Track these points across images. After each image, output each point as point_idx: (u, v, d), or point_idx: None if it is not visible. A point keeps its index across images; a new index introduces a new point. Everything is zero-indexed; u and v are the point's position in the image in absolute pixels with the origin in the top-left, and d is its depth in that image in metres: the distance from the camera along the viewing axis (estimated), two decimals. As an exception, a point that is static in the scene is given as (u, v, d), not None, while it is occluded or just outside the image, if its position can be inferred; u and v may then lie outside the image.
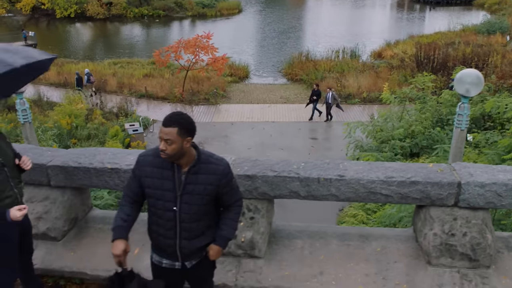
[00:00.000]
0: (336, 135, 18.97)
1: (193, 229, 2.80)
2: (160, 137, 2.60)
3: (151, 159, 2.76)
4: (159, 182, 2.72)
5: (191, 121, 2.66)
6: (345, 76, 26.01)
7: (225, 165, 2.78)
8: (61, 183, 3.95)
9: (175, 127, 2.56)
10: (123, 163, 3.81)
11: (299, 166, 3.66)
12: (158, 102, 23.69)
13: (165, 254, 2.91)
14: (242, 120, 20.93)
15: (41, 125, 16.00)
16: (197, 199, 2.72)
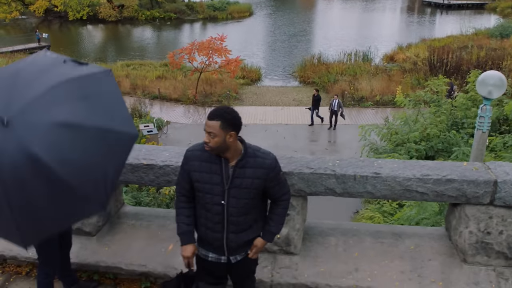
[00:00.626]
0: (349, 137, 18.94)
1: (240, 222, 2.82)
2: (204, 129, 2.65)
3: (199, 154, 2.79)
4: (208, 176, 2.75)
5: (235, 115, 2.69)
6: (357, 79, 25.99)
7: (272, 159, 2.80)
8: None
9: (218, 121, 2.60)
10: (158, 159, 3.84)
11: (334, 163, 3.67)
12: (171, 103, 23.81)
13: (211, 248, 2.94)
14: (255, 122, 20.97)
15: (57, 125, 16.18)
16: (244, 193, 2.75)
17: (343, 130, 20.11)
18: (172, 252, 3.88)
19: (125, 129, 2.69)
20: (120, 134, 2.65)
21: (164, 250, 3.91)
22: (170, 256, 3.85)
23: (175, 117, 21.89)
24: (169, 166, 3.78)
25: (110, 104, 2.70)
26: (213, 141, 2.62)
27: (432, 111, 16.55)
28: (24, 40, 39.64)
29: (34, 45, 38.74)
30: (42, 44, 38.77)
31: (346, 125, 20.57)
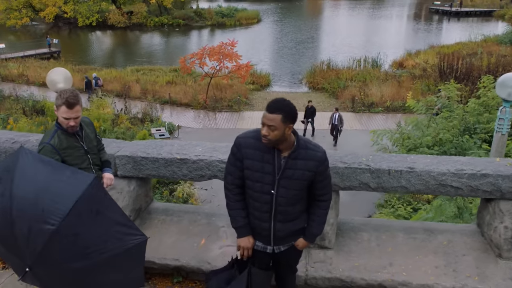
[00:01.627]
0: (361, 143, 18.90)
1: (288, 212, 2.84)
2: (263, 122, 2.64)
3: (252, 142, 2.78)
4: (260, 165, 2.76)
5: (294, 108, 2.70)
6: (367, 85, 25.98)
7: (323, 152, 2.83)
8: (128, 173, 4.02)
9: (279, 114, 2.60)
10: (191, 153, 3.87)
11: (368, 158, 3.69)
12: (181, 108, 23.89)
13: (258, 237, 2.96)
14: (265, 127, 20.98)
15: (70, 128, 16.27)
16: (295, 184, 2.76)
17: (353, 135, 20.08)
18: (204, 246, 3.90)
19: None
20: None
21: (196, 245, 3.93)
22: (202, 250, 3.87)
23: (185, 121, 21.96)
24: (202, 161, 3.80)
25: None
26: (273, 134, 2.62)
27: (444, 116, 16.53)
28: (35, 46, 40.01)
29: (45, 50, 39.09)
30: (52, 49, 39.12)
31: (357, 130, 20.54)
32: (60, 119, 3.14)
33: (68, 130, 3.18)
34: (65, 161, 3.12)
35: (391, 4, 79.80)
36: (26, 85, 27.18)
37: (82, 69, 31.85)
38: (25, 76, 28.54)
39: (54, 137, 3.14)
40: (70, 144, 3.19)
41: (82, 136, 3.29)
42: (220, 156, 3.80)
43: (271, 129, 2.61)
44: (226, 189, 2.95)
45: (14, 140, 4.23)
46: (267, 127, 2.62)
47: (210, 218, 4.19)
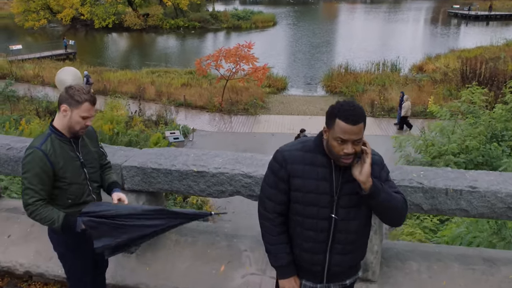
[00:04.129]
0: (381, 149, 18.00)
1: (349, 240, 2.27)
2: (346, 139, 2.07)
3: (300, 155, 2.22)
4: (314, 184, 2.19)
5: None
6: (386, 89, 25.26)
7: (379, 155, 2.30)
8: (137, 186, 3.50)
9: (362, 122, 2.09)
10: (210, 165, 3.33)
11: (419, 174, 3.11)
12: (196, 111, 23.44)
13: (306, 274, 2.38)
14: (283, 131, 20.42)
15: (83, 130, 15.91)
16: (356, 201, 2.21)
17: (373, 141, 19.39)
18: (224, 274, 3.35)
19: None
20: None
21: (215, 271, 3.38)
22: (222, 279, 3.32)
23: (200, 124, 21.49)
24: (223, 174, 3.26)
25: None
26: (357, 148, 2.10)
27: (470, 121, 15.81)
28: (51, 47, 40.00)
29: (61, 51, 39.05)
30: (68, 50, 39.08)
31: (377, 136, 19.85)
32: (74, 120, 2.63)
33: (79, 133, 2.69)
34: (56, 173, 2.60)
35: (408, 8, 78.68)
36: (41, 86, 26.98)
37: (97, 70, 31.64)
38: (40, 77, 28.37)
39: (46, 142, 2.63)
40: (65, 153, 2.66)
41: (78, 145, 2.75)
42: (244, 169, 3.25)
43: (356, 144, 2.08)
44: (265, 219, 2.35)
45: (10, 146, 3.74)
46: (352, 143, 2.07)
47: (231, 240, 3.64)
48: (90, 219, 2.58)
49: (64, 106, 2.62)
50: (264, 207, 2.33)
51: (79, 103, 2.60)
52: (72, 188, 2.69)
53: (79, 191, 2.72)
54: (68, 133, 2.67)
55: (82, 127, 2.65)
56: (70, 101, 2.60)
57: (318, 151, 2.21)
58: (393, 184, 2.29)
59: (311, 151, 2.20)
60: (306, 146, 2.23)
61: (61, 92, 2.68)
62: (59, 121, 2.68)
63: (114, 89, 25.75)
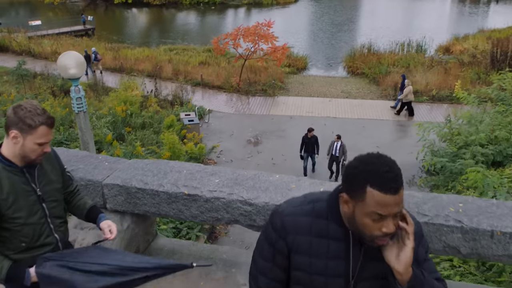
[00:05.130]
0: (404, 135, 17.51)
1: None
2: (387, 214, 1.45)
3: (308, 222, 1.60)
4: (322, 263, 1.58)
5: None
6: (411, 71, 24.23)
7: (418, 224, 1.66)
8: (120, 207, 2.99)
9: (402, 186, 1.48)
10: (204, 187, 2.79)
11: (457, 207, 2.52)
12: (213, 91, 22.89)
13: None
14: (301, 114, 19.77)
15: (96, 111, 15.52)
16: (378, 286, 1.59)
17: (396, 126, 18.64)
18: (218, 315, 2.85)
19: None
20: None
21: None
22: (215, 321, 2.83)
23: (217, 105, 20.95)
24: (218, 199, 2.73)
25: None
26: (397, 222, 1.49)
27: (500, 109, 14.93)
28: (70, 23, 39.64)
29: (80, 27, 38.69)
30: (87, 26, 38.68)
31: (400, 121, 19.07)
32: (28, 148, 2.09)
33: (35, 162, 2.16)
34: (3, 213, 2.08)
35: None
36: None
37: (114, 47, 31.21)
38: (58, 53, 27.98)
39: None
40: (16, 186, 2.12)
41: (34, 175, 2.22)
42: (244, 193, 2.71)
43: (396, 217, 1.48)
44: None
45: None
46: (393, 217, 1.47)
47: (229, 270, 3.13)
48: (50, 274, 2.06)
49: (14, 132, 2.07)
50: (257, 285, 1.73)
51: (32, 127, 2.06)
52: (26, 229, 2.16)
53: (35, 232, 2.19)
54: (20, 161, 2.14)
55: (38, 155, 2.13)
56: (21, 126, 2.06)
57: (332, 218, 1.59)
58: (432, 266, 1.65)
59: (322, 216, 1.59)
60: (316, 209, 1.61)
61: (8, 112, 2.12)
62: (8, 148, 2.13)
63: (131, 67, 25.36)
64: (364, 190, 1.45)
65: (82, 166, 3.13)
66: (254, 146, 16.94)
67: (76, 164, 3.14)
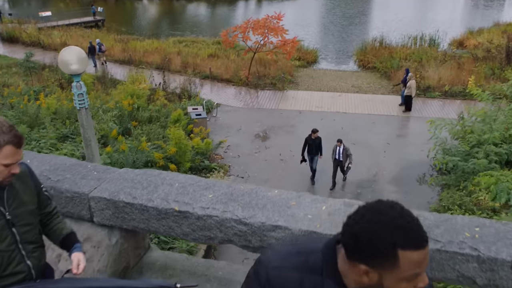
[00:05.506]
0: (415, 131, 17.16)
1: None
2: (419, 272, 1.24)
3: (297, 278, 1.35)
4: None
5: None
6: (423, 66, 23.77)
7: (430, 281, 1.39)
8: (108, 221, 2.80)
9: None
10: (196, 204, 2.58)
11: (473, 232, 2.28)
12: (222, 84, 22.66)
13: None
14: (310, 109, 19.49)
15: (102, 105, 15.39)
16: None
17: (407, 122, 18.29)
18: None
19: None
20: None
21: None
22: None
23: (225, 99, 20.73)
24: (211, 218, 2.52)
25: None
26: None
27: (515, 107, 14.54)
28: (80, 14, 39.56)
29: (90, 18, 38.60)
30: (97, 18, 38.57)
31: (411, 117, 18.71)
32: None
33: (3, 183, 1.94)
34: None
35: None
36: (67, 54, 26.64)
37: (123, 39, 31.05)
38: (67, 45, 27.91)
39: None
40: None
41: (3, 198, 1.98)
42: (239, 212, 2.49)
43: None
44: None
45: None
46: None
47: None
48: None
49: None
50: None
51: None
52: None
53: (3, 260, 1.98)
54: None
55: (5, 177, 1.92)
56: None
57: (328, 274, 1.34)
58: None
59: (315, 271, 1.34)
60: (308, 264, 1.35)
61: None
62: None
63: (140, 59, 25.21)
64: (395, 255, 1.20)
65: (69, 176, 2.93)
66: (262, 141, 16.72)
67: (63, 174, 2.95)
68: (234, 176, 14.41)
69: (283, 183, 14.26)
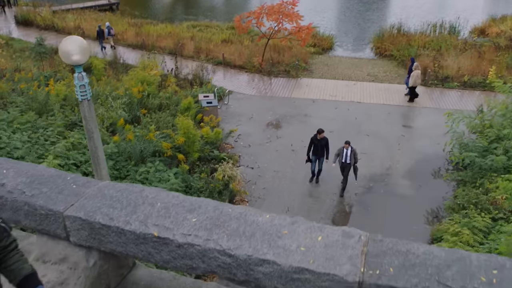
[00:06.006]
0: (431, 123, 16.66)
1: None
2: None
3: None
4: None
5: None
6: (442, 54, 23.07)
7: None
8: (85, 242, 2.56)
9: None
10: (178, 229, 2.33)
11: (490, 276, 1.99)
12: (235, 71, 22.31)
13: None
14: (324, 98, 19.07)
15: (112, 91, 15.20)
16: None
17: (422, 114, 17.77)
18: None
19: None
20: None
21: None
22: None
23: (238, 86, 20.40)
24: (193, 246, 2.26)
25: None
26: None
27: (538, 101, 13.97)
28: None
29: (104, 2, 38.28)
30: (111, 1, 38.25)
31: (427, 108, 18.17)
32: None
33: None
34: None
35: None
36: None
37: (137, 23, 30.75)
38: (81, 29, 27.81)
39: None
40: None
41: None
42: (223, 241, 2.23)
43: None
44: None
45: None
46: None
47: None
48: None
49: None
50: None
51: None
52: None
53: None
54: None
55: None
56: None
57: None
58: None
59: None
60: None
61: None
62: None
63: (153, 43, 24.92)
64: None
65: (46, 189, 2.70)
66: (274, 131, 16.41)
67: (39, 188, 2.72)
68: (243, 166, 14.17)
69: (294, 175, 13.99)
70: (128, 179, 10.87)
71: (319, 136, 12.60)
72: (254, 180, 13.53)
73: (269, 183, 13.47)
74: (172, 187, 10.64)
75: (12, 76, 16.25)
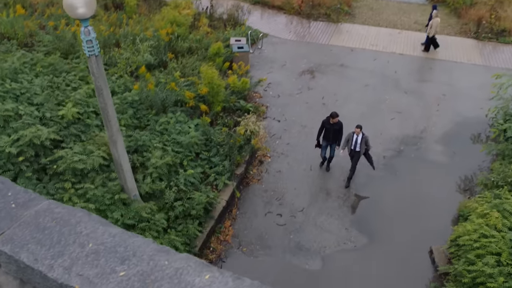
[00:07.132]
0: (477, 83, 15.51)
1: None
2: None
3: None
4: None
5: None
6: (502, 3, 21.04)
7: None
8: (16, 274, 2.29)
9: None
10: (101, 284, 2.00)
11: None
12: (273, 11, 21.26)
13: None
14: (364, 47, 18.00)
15: (140, 32, 14.73)
16: None
17: (468, 71, 16.50)
18: None
19: None
20: None
21: None
22: None
23: (274, 28, 19.47)
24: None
25: None
26: None
27: None
28: None
29: None
30: None
31: (475, 65, 16.85)
32: None
33: None
34: None
35: None
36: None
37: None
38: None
39: None
40: None
41: None
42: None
43: None
44: None
45: None
46: None
47: None
48: None
49: None
50: None
51: None
52: None
53: None
54: None
55: None
56: None
57: None
58: None
59: None
60: None
61: None
62: None
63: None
64: None
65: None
66: (306, 81, 15.73)
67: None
68: (270, 118, 13.74)
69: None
70: (147, 129, 10.69)
71: (332, 120, 11.13)
72: (279, 134, 13.14)
73: (295, 138, 13.05)
74: (191, 140, 10.39)
75: (44, 12, 15.96)
